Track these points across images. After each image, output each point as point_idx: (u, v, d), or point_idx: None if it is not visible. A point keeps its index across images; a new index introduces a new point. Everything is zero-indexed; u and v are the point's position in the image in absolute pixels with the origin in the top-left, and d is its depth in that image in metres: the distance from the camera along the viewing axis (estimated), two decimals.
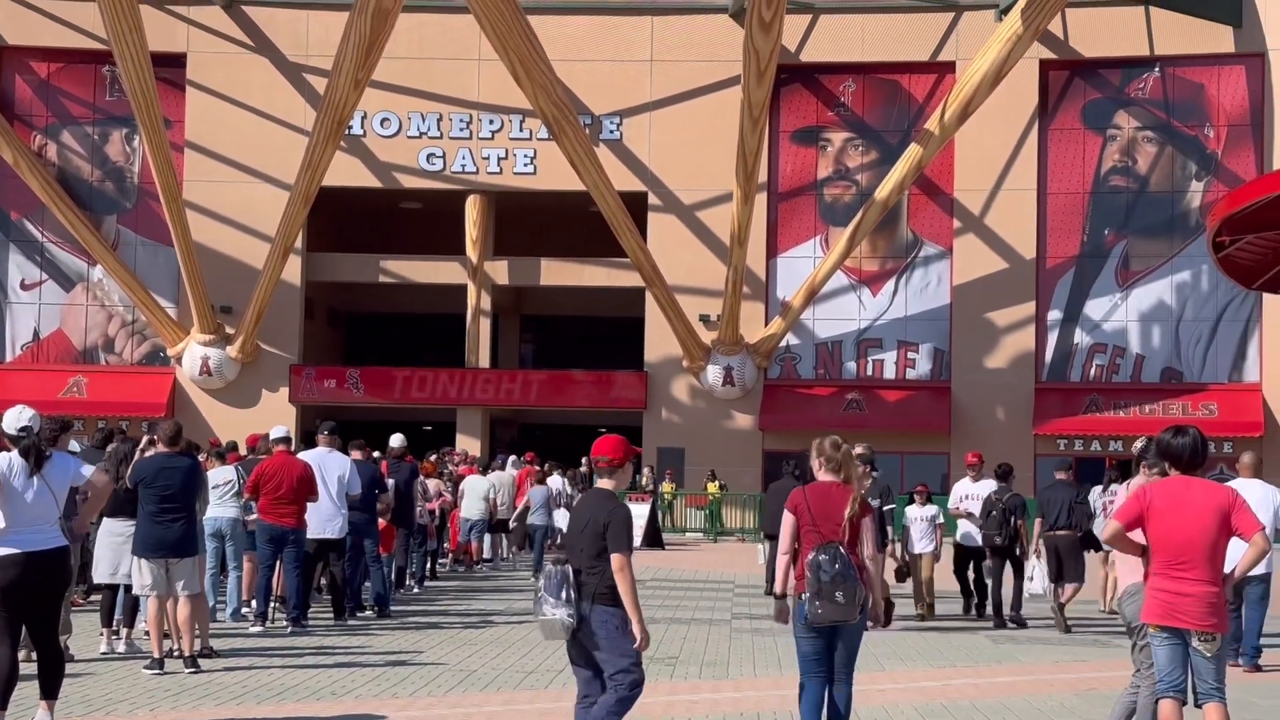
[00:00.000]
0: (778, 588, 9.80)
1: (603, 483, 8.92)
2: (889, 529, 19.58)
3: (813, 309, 47.05)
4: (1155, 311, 46.55)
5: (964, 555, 20.96)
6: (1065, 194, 47.08)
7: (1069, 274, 47.04)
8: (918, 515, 20.90)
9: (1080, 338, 46.92)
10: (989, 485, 20.43)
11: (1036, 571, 19.37)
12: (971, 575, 20.84)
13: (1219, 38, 45.68)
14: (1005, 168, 46.88)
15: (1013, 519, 19.84)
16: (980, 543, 20.27)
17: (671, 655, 15.63)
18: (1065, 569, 19.35)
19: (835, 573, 9.15)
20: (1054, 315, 47.01)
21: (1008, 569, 20.05)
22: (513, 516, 28.65)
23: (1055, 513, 19.56)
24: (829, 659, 9.40)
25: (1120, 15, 46.06)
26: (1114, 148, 47.13)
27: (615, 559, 8.51)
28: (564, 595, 8.51)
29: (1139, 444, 9.40)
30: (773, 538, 20.32)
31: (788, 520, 9.56)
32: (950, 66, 46.81)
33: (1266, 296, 41.77)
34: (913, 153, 44.14)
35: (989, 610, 19.96)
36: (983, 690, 13.51)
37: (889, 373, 47.79)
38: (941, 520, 21.23)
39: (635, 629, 8.52)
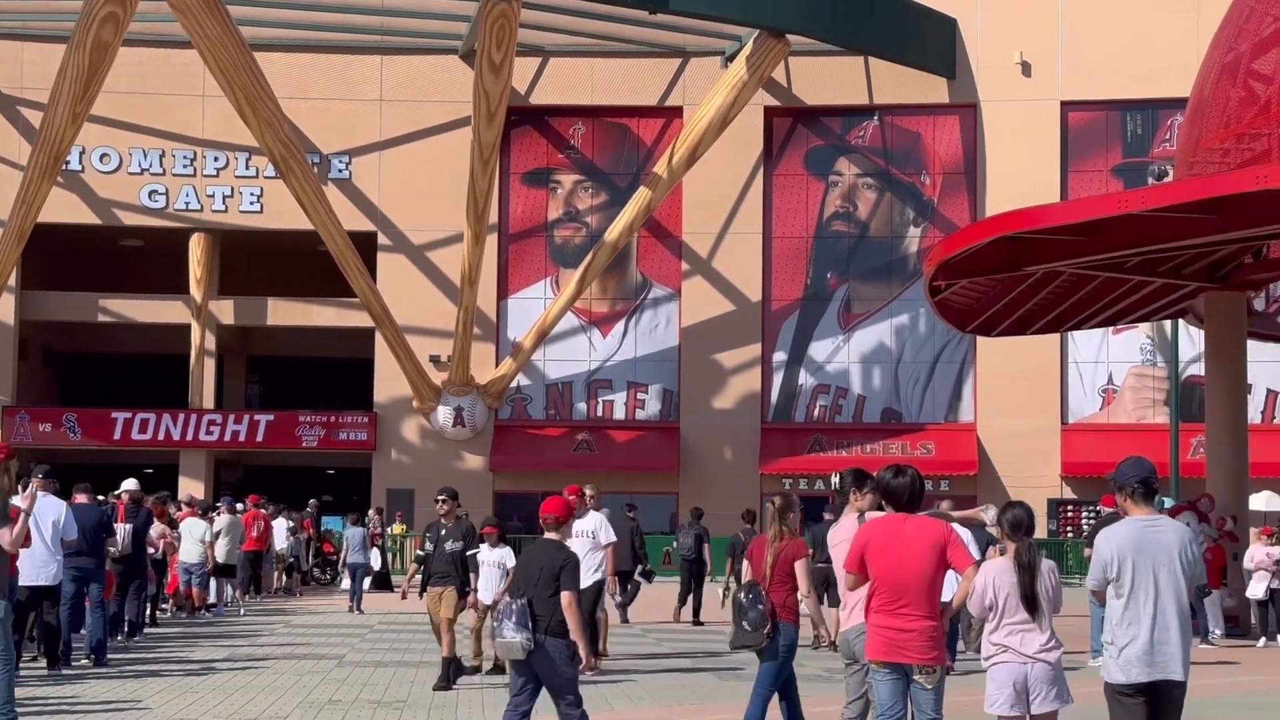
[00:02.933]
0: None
1: (550, 535, 10.86)
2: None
3: (543, 350, 47.18)
4: (876, 353, 47.81)
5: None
6: (789, 238, 48.10)
7: (793, 316, 48.04)
8: (487, 559, 17.58)
9: (804, 379, 47.92)
10: (595, 519, 18.81)
11: None
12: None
13: (934, 88, 47.26)
14: (732, 212, 47.72)
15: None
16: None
17: (399, 699, 15.43)
18: (829, 596, 21.18)
19: (746, 606, 11.15)
20: (779, 357, 47.93)
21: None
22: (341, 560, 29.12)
23: (821, 548, 21.01)
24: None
25: (841, 65, 47.32)
26: (836, 193, 48.36)
27: (565, 597, 10.47)
28: (524, 623, 10.41)
29: (835, 479, 9.85)
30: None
31: (745, 566, 11.87)
32: (678, 111, 47.53)
33: (980, 339, 43.26)
34: (641, 195, 44.71)
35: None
36: None
37: (619, 413, 48.14)
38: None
39: (581, 653, 10.54)
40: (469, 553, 16.88)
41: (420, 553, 17.70)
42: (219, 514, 29.43)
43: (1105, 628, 8.65)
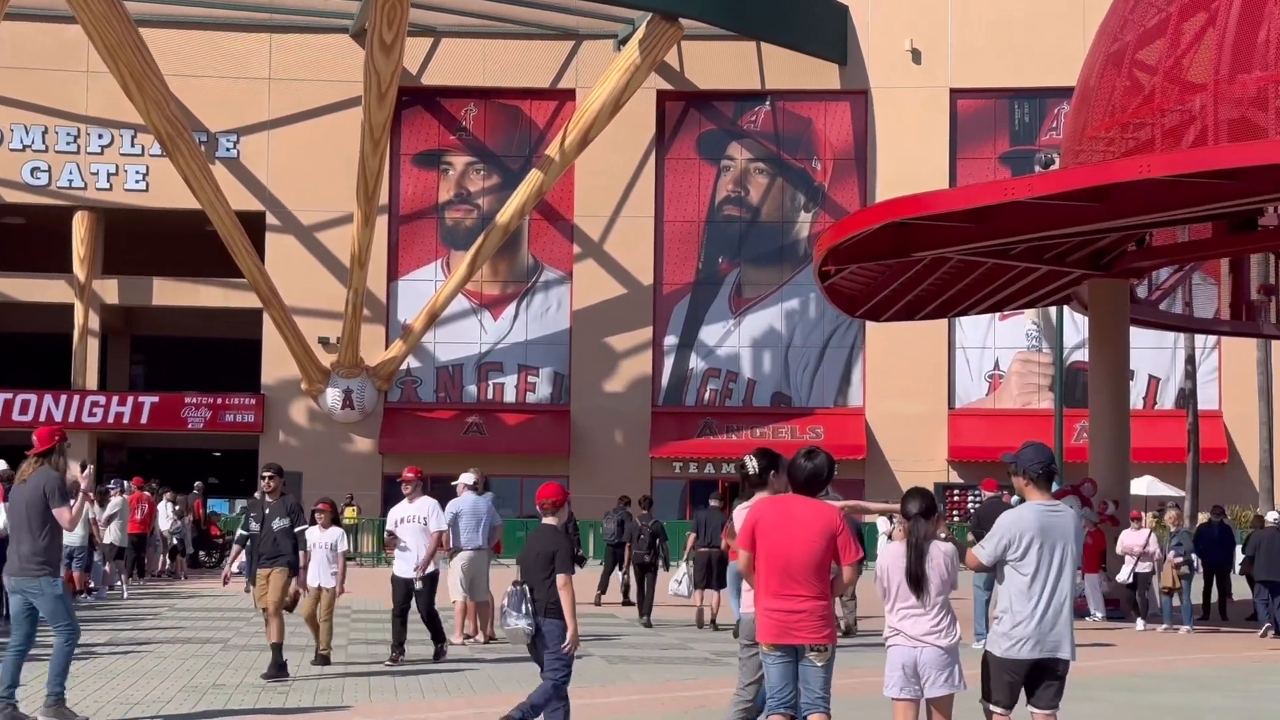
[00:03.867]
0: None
1: (548, 520, 11.21)
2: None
3: (434, 332, 46.94)
4: (766, 338, 48.02)
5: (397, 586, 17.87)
6: (681, 222, 48.17)
7: (684, 300, 48.14)
8: (317, 540, 16.67)
9: (695, 363, 48.04)
10: (427, 504, 17.82)
11: (685, 577, 23.50)
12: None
13: (826, 75, 47.50)
14: (624, 195, 47.71)
15: (658, 540, 24.46)
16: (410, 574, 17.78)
17: (284, 684, 15.27)
18: (713, 578, 22.56)
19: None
20: (670, 340, 48.02)
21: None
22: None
23: (709, 532, 22.83)
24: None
25: (733, 49, 47.43)
26: (727, 178, 48.48)
27: (560, 578, 10.93)
28: (524, 609, 10.89)
29: (751, 462, 9.65)
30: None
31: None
32: (571, 94, 47.42)
33: (869, 324, 43.58)
34: (534, 178, 44.58)
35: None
36: (598, 710, 13.61)
37: (509, 396, 48.01)
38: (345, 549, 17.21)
39: (570, 633, 10.87)
40: (297, 530, 15.97)
41: (243, 532, 16.91)
42: (112, 495, 28.97)
43: (999, 602, 8.89)
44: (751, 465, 10.02)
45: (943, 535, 9.32)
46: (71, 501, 12.44)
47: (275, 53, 47.34)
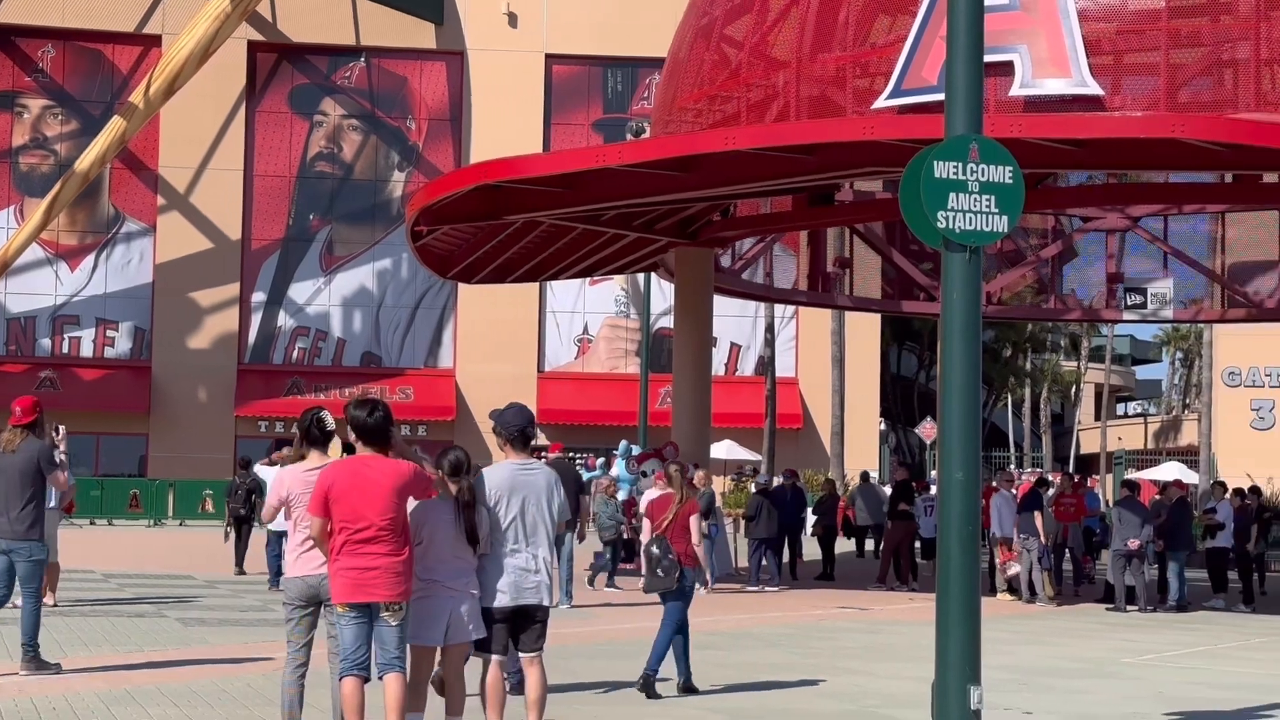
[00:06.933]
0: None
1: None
2: None
3: (4, 282, 44.83)
4: (358, 297, 47.56)
5: None
6: (272, 177, 47.22)
7: (274, 256, 47.25)
8: None
9: (284, 320, 47.22)
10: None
11: None
12: None
13: (422, 34, 47.23)
14: (212, 147, 46.46)
15: (253, 496, 23.85)
16: None
17: None
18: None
19: (658, 556, 12.51)
20: (258, 297, 47.06)
21: None
22: None
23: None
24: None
25: (328, 3, 46.70)
26: (320, 134, 47.74)
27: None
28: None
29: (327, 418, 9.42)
30: None
31: (645, 523, 13.35)
32: (157, 40, 45.88)
33: (461, 286, 43.61)
34: (115, 125, 42.87)
35: None
36: (172, 675, 13.22)
37: (86, 350, 46.24)
38: None
39: None
40: None
41: None
42: None
43: (484, 557, 9.34)
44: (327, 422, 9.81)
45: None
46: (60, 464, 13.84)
47: None
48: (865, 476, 35.14)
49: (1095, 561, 28.18)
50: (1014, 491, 24.41)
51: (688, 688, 12.76)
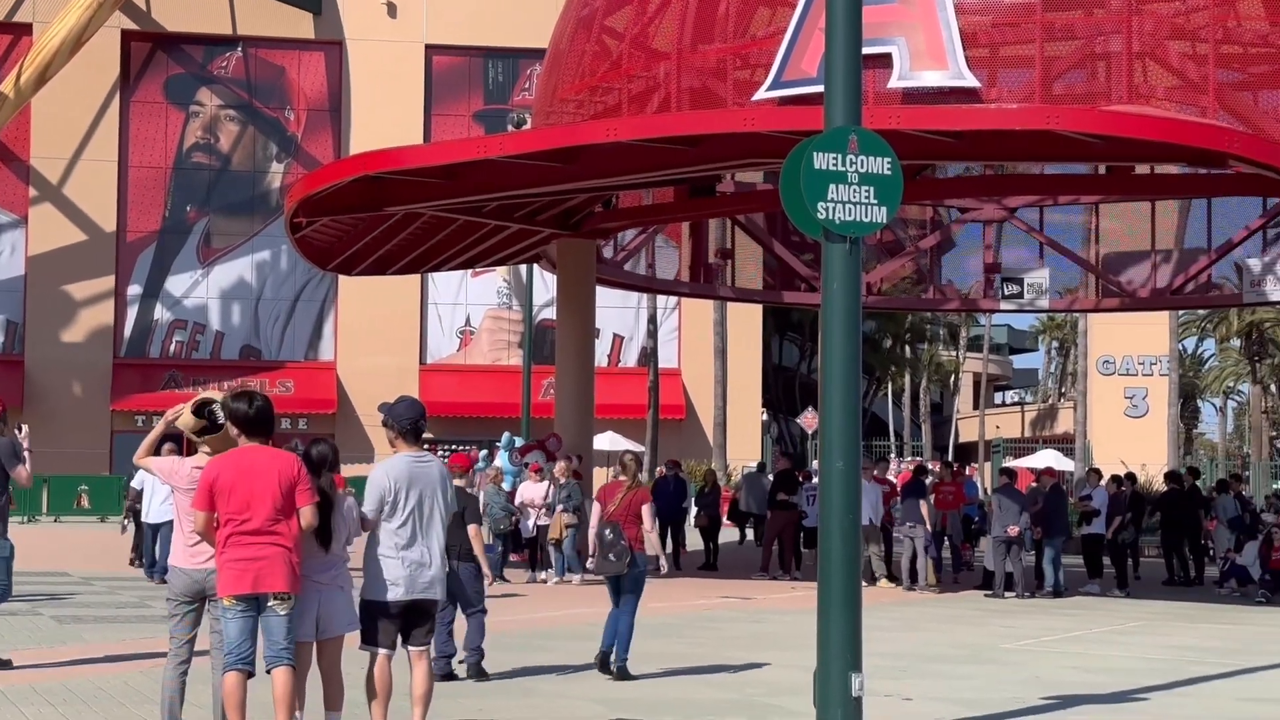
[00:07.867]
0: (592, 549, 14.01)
1: (458, 482, 12.15)
2: None
3: None
4: (236, 289, 47.04)
5: None
6: (147, 168, 46.58)
7: (150, 249, 46.63)
8: None
9: (161, 313, 46.62)
10: None
11: None
12: None
13: (300, 23, 46.79)
14: (85, 138, 45.73)
15: None
16: None
17: None
18: None
19: (610, 540, 13.11)
20: (134, 290, 46.42)
21: None
22: None
23: None
24: (617, 596, 13.41)
25: None
26: (197, 124, 47.16)
27: (471, 528, 12.49)
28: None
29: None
30: None
31: (595, 507, 13.76)
32: (28, 28, 45.04)
33: (342, 278, 43.27)
34: None
35: None
36: (48, 674, 13.00)
37: None
38: None
39: (485, 572, 12.68)
40: None
41: None
42: None
43: (377, 549, 9.31)
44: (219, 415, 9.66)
45: (352, 492, 9.65)
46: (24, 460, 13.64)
47: None
48: (761, 468, 35.16)
49: (974, 549, 28.52)
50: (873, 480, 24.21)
51: (621, 670, 13.33)
